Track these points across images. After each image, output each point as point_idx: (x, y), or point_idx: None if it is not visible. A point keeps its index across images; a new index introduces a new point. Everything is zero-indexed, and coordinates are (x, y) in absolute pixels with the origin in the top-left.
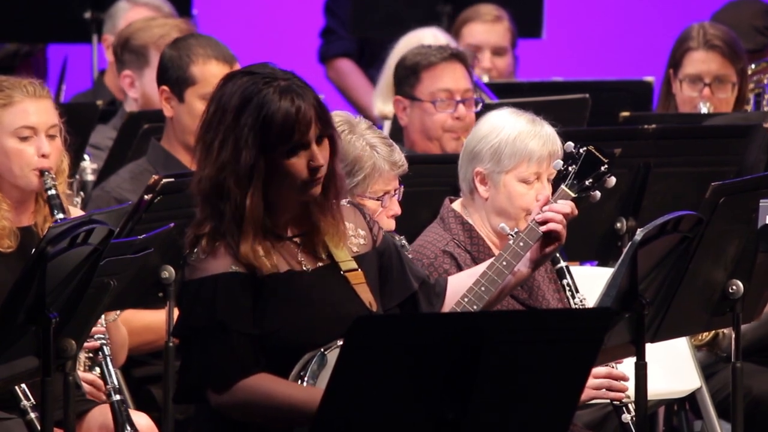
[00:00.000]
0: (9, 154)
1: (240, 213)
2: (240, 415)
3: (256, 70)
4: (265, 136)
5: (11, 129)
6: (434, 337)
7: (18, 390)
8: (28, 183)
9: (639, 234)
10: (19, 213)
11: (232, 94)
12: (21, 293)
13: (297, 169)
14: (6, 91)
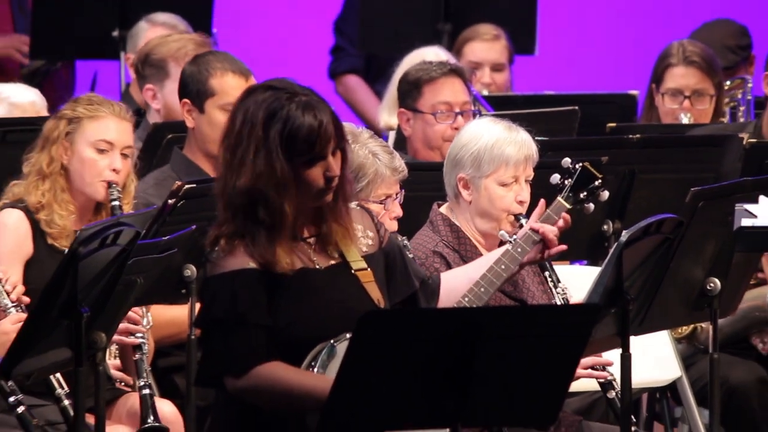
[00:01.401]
0: (84, 162)
1: (280, 218)
2: (254, 399)
3: (277, 85)
4: (290, 148)
5: (92, 140)
6: (435, 331)
7: (53, 379)
8: (95, 192)
9: (624, 235)
10: (80, 217)
11: (258, 108)
12: (55, 290)
13: (314, 178)
14: (95, 105)
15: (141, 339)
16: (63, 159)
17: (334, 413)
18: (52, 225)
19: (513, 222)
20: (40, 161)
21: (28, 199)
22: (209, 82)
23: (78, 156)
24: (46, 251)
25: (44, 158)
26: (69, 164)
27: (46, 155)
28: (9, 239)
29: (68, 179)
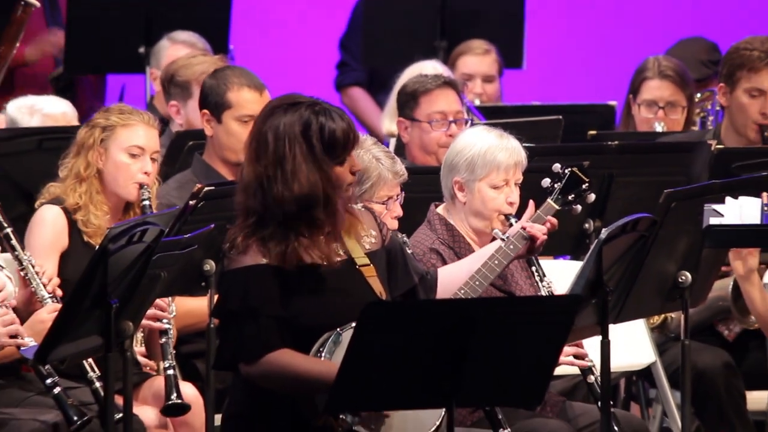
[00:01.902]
0: (118, 166)
1: (335, 217)
2: (266, 384)
3: (294, 100)
4: (331, 152)
5: (125, 146)
6: (433, 320)
7: (85, 364)
8: (128, 193)
9: (604, 233)
10: (114, 216)
11: (291, 125)
12: (87, 283)
13: (345, 175)
14: (126, 114)
15: (167, 325)
16: (98, 163)
17: (341, 395)
18: (89, 224)
19: (503, 221)
20: (78, 166)
21: (66, 200)
22: (227, 95)
23: (112, 161)
24: (81, 247)
25: (81, 163)
26: (104, 168)
27: (82, 160)
28: (47, 232)
29: (103, 182)
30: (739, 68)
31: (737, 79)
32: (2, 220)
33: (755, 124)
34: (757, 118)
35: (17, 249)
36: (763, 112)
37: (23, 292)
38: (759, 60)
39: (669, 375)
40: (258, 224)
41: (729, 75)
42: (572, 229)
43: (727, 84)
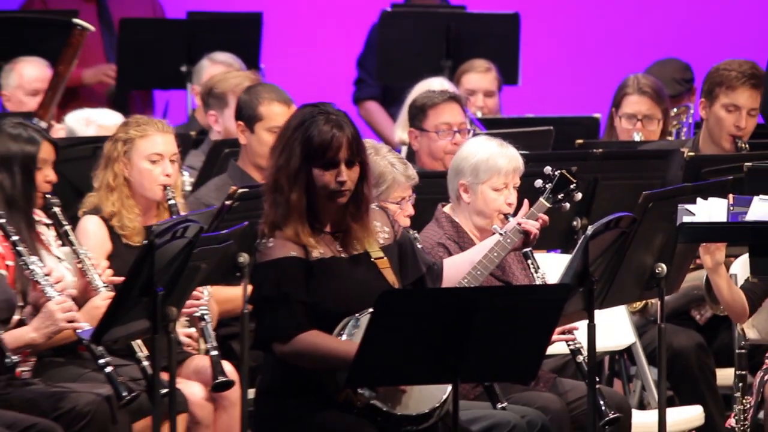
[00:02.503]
0: (142, 173)
1: (288, 205)
2: (296, 361)
3: (320, 105)
4: (307, 150)
5: (145, 154)
6: (439, 306)
7: (134, 344)
8: (154, 194)
9: (590, 229)
10: (145, 216)
11: (296, 117)
12: (136, 274)
13: (326, 180)
14: (143, 126)
15: (203, 311)
16: (124, 173)
17: (359, 371)
18: (125, 228)
19: (503, 219)
20: (107, 177)
21: (103, 209)
22: (258, 108)
23: (136, 169)
24: (123, 248)
25: (109, 175)
26: (130, 176)
27: (110, 172)
28: (92, 241)
29: (131, 188)
30: (719, 86)
31: (716, 95)
32: (62, 218)
33: (730, 135)
34: (731, 130)
35: (75, 244)
36: (737, 125)
37: (80, 282)
38: (736, 80)
39: (647, 354)
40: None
41: (709, 91)
42: (562, 227)
43: (707, 99)
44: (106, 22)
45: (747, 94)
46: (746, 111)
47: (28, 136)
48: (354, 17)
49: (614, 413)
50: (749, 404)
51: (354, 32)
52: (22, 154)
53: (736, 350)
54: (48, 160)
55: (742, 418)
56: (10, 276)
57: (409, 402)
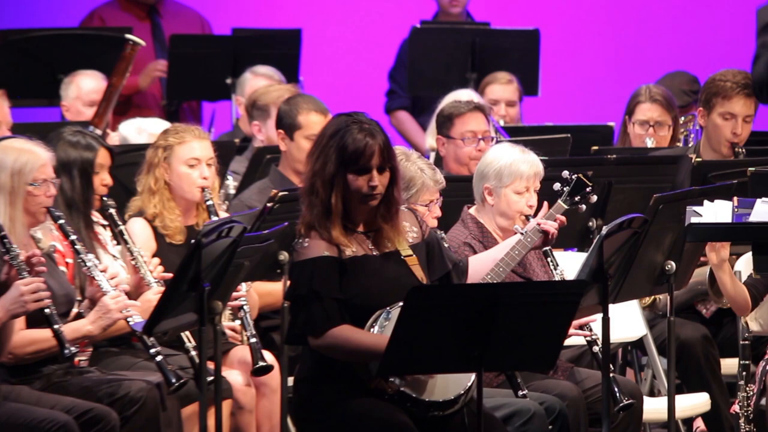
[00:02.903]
0: (181, 176)
1: (327, 207)
2: (330, 353)
3: (354, 114)
4: (342, 156)
5: (183, 159)
6: (464, 300)
7: (183, 335)
8: (193, 196)
9: (604, 229)
10: (185, 217)
11: (331, 126)
12: (185, 270)
13: (360, 184)
14: (180, 133)
15: (243, 301)
16: (165, 177)
17: (390, 362)
18: (167, 228)
19: (524, 220)
20: (149, 182)
21: (146, 211)
22: (297, 118)
23: (176, 173)
24: (167, 247)
25: (151, 179)
26: (170, 180)
27: (152, 177)
28: (138, 241)
29: (171, 191)
30: (715, 95)
31: (713, 104)
32: (117, 219)
33: (727, 142)
34: (729, 137)
35: (129, 242)
36: (734, 132)
37: (134, 278)
38: (731, 89)
39: (657, 345)
40: (317, 218)
41: (707, 101)
42: (579, 227)
43: (705, 108)
44: (159, 38)
45: (741, 103)
46: (741, 118)
47: (86, 143)
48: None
49: (627, 400)
50: (752, 392)
51: (386, 47)
52: (80, 159)
53: (740, 341)
54: (104, 165)
55: (746, 404)
56: (70, 272)
57: (436, 389)
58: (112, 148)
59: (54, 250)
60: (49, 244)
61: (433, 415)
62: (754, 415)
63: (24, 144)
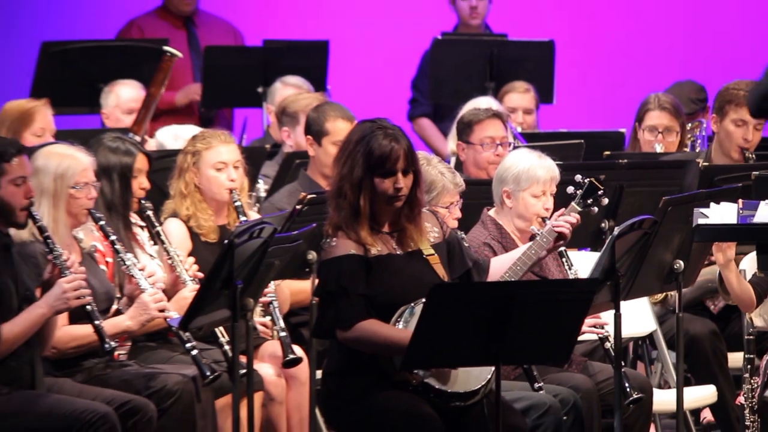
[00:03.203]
0: (210, 180)
1: (356, 209)
2: (356, 347)
3: (377, 121)
4: (369, 161)
5: (211, 163)
6: (483, 297)
7: (217, 331)
8: (222, 197)
9: (616, 230)
10: (217, 217)
11: (356, 132)
12: (218, 269)
13: (386, 186)
14: (208, 139)
15: (272, 297)
16: (195, 181)
17: (414, 355)
18: (201, 228)
19: (541, 222)
20: (180, 186)
21: (179, 213)
22: (325, 125)
23: (205, 176)
24: (201, 245)
25: (181, 183)
26: (200, 184)
27: (182, 181)
28: (174, 240)
29: (202, 193)
30: (728, 103)
31: (726, 111)
32: (154, 220)
33: (738, 147)
34: (740, 142)
35: (165, 243)
36: (745, 137)
37: (170, 276)
38: (744, 98)
39: (667, 340)
40: (344, 220)
41: (720, 108)
42: (592, 228)
43: (718, 115)
44: (195, 47)
45: None
46: (753, 125)
47: (125, 149)
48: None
49: (637, 394)
50: (756, 384)
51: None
52: (120, 164)
53: (745, 336)
54: (142, 170)
55: (750, 396)
56: (110, 271)
57: (458, 381)
58: (150, 153)
59: (95, 250)
60: (90, 244)
61: (455, 405)
62: (758, 406)
63: (66, 149)
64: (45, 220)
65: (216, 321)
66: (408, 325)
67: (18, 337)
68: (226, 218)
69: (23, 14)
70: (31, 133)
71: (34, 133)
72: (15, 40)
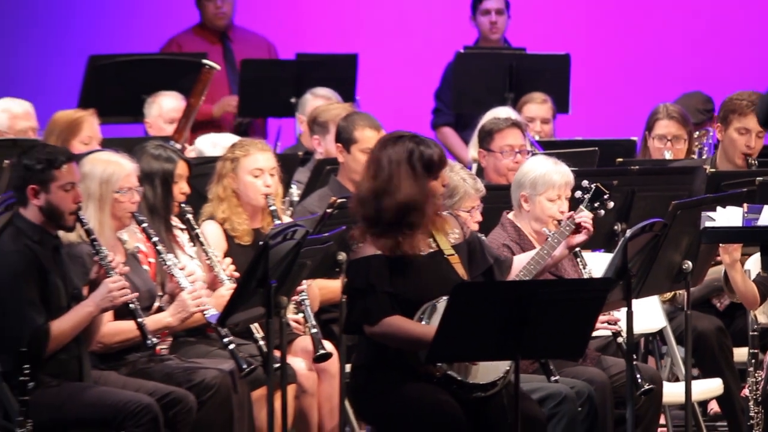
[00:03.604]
0: (247, 186)
1: (425, 219)
2: (383, 341)
3: (400, 135)
4: (428, 171)
5: (248, 169)
6: (502, 295)
7: (253, 327)
8: (258, 202)
9: (628, 233)
10: (252, 220)
11: (399, 152)
12: (254, 269)
13: (438, 186)
14: (246, 146)
15: (303, 296)
16: (233, 186)
17: (437, 349)
18: (236, 230)
19: (556, 224)
20: (218, 190)
21: (216, 216)
22: (354, 133)
23: (242, 182)
24: (236, 247)
25: (220, 188)
26: (237, 189)
27: (220, 186)
28: (211, 242)
29: (239, 198)
30: (732, 113)
31: (730, 120)
32: (194, 223)
33: (742, 154)
34: (743, 149)
35: (204, 244)
36: (748, 145)
37: (208, 275)
38: (746, 107)
39: (676, 336)
40: (372, 225)
41: (724, 117)
42: (605, 230)
43: (722, 124)
44: (230, 61)
45: (756, 120)
46: (755, 133)
47: (167, 156)
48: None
49: (648, 385)
50: (760, 377)
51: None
52: (162, 170)
53: (750, 332)
54: (183, 176)
55: (755, 388)
56: (152, 271)
57: (479, 373)
58: (190, 160)
59: (138, 251)
60: (134, 245)
61: (476, 396)
62: (762, 398)
63: (111, 156)
64: (91, 223)
65: (251, 318)
66: (431, 322)
67: (67, 334)
68: (261, 222)
69: (73, 30)
70: (79, 141)
71: (82, 141)
72: (65, 54)
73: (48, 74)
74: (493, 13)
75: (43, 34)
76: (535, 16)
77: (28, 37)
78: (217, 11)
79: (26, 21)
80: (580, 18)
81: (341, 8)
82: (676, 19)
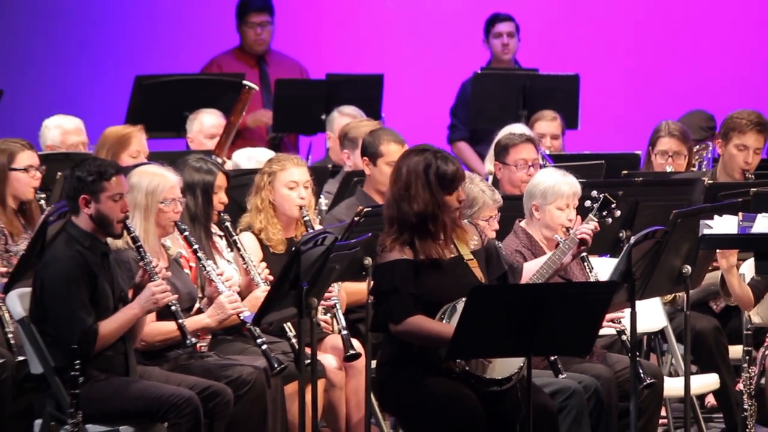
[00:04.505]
0: (283, 198)
1: (442, 228)
2: (407, 339)
3: (422, 148)
4: (442, 185)
5: (285, 182)
6: (516, 297)
7: (286, 326)
8: (292, 213)
9: (632, 239)
10: (286, 230)
11: (418, 163)
12: (287, 272)
13: (453, 202)
14: (282, 161)
15: (335, 300)
16: (269, 198)
17: (456, 347)
18: (270, 240)
19: (565, 231)
20: (256, 201)
21: (253, 226)
22: (380, 147)
23: (279, 194)
24: (271, 256)
25: (258, 199)
26: (274, 200)
27: (258, 198)
28: (249, 250)
29: (275, 209)
30: (732, 130)
31: (730, 137)
32: (232, 231)
33: (740, 169)
34: (742, 165)
35: (242, 249)
36: (746, 161)
37: (245, 279)
38: (746, 126)
39: (676, 335)
40: (397, 231)
41: (724, 134)
42: (611, 237)
43: (723, 140)
44: (266, 82)
45: (754, 137)
46: (753, 150)
47: (207, 168)
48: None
49: (650, 380)
50: (754, 373)
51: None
52: (202, 182)
53: (744, 331)
54: (222, 187)
55: (748, 383)
56: (192, 275)
57: (494, 369)
58: (228, 172)
59: (180, 256)
60: (176, 251)
61: (492, 390)
62: (755, 392)
63: (157, 169)
64: (137, 231)
65: (284, 317)
66: (451, 321)
67: (113, 333)
68: (294, 231)
69: (121, 53)
70: (128, 155)
71: (130, 154)
72: (113, 74)
73: (98, 93)
74: (504, 35)
75: (94, 55)
76: (546, 39)
77: (79, 58)
78: (257, 38)
79: (78, 44)
80: (588, 41)
81: (367, 33)
82: (679, 42)
